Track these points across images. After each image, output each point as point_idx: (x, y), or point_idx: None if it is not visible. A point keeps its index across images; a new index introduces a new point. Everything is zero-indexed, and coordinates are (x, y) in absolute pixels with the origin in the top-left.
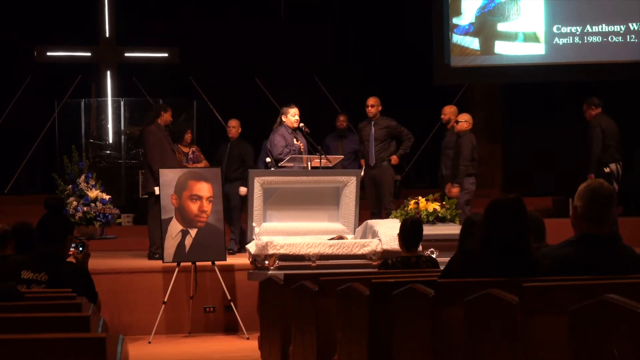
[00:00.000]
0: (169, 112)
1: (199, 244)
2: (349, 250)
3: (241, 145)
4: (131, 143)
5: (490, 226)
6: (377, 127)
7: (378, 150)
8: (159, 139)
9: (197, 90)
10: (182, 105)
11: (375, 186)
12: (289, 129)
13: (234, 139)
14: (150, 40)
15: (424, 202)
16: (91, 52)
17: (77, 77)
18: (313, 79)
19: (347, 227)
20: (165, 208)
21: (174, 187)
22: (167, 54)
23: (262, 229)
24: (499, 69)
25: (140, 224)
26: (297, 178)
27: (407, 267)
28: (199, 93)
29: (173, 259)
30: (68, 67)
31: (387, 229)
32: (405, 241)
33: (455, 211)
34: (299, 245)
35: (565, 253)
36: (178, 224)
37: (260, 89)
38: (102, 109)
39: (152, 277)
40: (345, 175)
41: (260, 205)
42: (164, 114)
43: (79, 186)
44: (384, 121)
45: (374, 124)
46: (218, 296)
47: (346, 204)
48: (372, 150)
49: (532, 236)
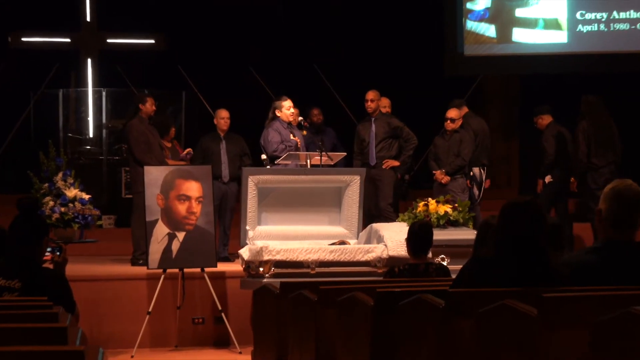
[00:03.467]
0: (149, 102)
1: (187, 249)
2: (351, 256)
3: (237, 140)
4: (113, 137)
5: (504, 231)
6: (378, 124)
7: (379, 149)
8: (143, 132)
9: (186, 80)
10: (169, 97)
11: (374, 187)
12: (284, 124)
13: (226, 133)
14: (135, 25)
15: (434, 204)
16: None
17: (55, 65)
18: (312, 68)
19: (350, 231)
20: (151, 209)
21: (160, 186)
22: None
23: (256, 233)
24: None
25: (122, 227)
26: (294, 177)
27: (415, 275)
28: (188, 83)
29: (158, 265)
30: (45, 54)
31: (394, 234)
32: (413, 247)
33: (468, 214)
34: (296, 251)
35: (588, 260)
36: (164, 226)
37: (254, 79)
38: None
39: (136, 285)
40: (348, 174)
41: (254, 206)
42: (144, 106)
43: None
44: (385, 118)
45: (374, 121)
46: (208, 306)
47: (349, 205)
48: (373, 149)
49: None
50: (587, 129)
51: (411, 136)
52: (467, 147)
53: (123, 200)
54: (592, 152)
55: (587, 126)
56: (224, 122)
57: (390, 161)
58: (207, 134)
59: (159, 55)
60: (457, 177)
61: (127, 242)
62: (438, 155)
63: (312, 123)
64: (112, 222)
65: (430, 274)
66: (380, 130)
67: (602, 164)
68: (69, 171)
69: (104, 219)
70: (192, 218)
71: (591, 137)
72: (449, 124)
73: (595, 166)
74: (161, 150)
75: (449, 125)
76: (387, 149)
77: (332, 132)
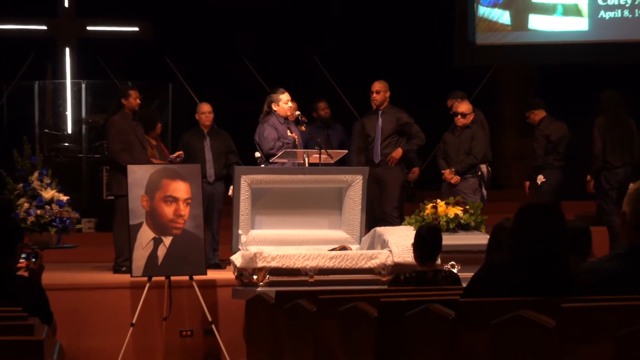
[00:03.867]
0: (132, 96)
1: (174, 255)
2: (353, 263)
3: (222, 136)
4: (94, 134)
5: (520, 235)
6: (386, 118)
7: (385, 146)
8: (123, 130)
9: (173, 71)
10: (155, 90)
11: (379, 188)
12: (281, 119)
13: (210, 129)
14: (117, 11)
15: (443, 206)
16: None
17: (30, 55)
18: (312, 58)
19: (352, 236)
20: (135, 212)
21: (145, 186)
22: (137, 29)
23: (249, 238)
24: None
25: (104, 231)
26: (291, 177)
27: (422, 283)
28: (175, 75)
29: (143, 272)
30: (19, 43)
31: (399, 239)
32: (420, 253)
33: (480, 217)
34: (293, 257)
35: (611, 268)
36: (149, 230)
37: (248, 71)
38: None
39: (118, 294)
40: (349, 173)
41: (247, 208)
42: (127, 100)
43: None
44: (393, 112)
45: (381, 114)
46: (197, 317)
47: (350, 207)
48: (378, 146)
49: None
50: (603, 125)
51: (421, 133)
52: (479, 144)
53: (104, 202)
54: (607, 151)
55: (604, 123)
56: (205, 117)
57: (393, 154)
58: (189, 130)
59: (144, 45)
60: (468, 177)
61: (108, 247)
62: (447, 153)
63: (319, 117)
64: (92, 225)
65: (439, 282)
66: (387, 126)
67: (617, 164)
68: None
69: (83, 223)
70: (180, 221)
71: (607, 135)
72: (459, 119)
73: (610, 165)
74: (143, 149)
75: (459, 121)
76: (393, 146)
77: (341, 128)
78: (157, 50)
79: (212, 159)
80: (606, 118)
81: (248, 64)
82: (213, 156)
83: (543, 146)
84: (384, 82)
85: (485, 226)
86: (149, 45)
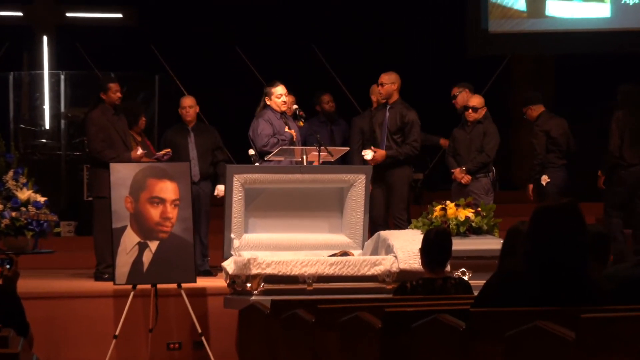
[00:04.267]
0: (111, 89)
1: (161, 261)
2: (355, 270)
3: (208, 131)
4: (73, 129)
5: (536, 239)
6: (392, 114)
7: (390, 145)
8: (104, 127)
9: (160, 61)
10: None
11: (383, 188)
12: (277, 113)
13: (194, 124)
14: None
15: (453, 208)
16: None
17: (4, 44)
18: (311, 48)
19: (354, 240)
20: (118, 214)
21: (129, 186)
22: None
23: (242, 242)
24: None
25: (84, 235)
26: (288, 176)
27: (431, 292)
28: (162, 65)
29: (127, 280)
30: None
31: (406, 243)
32: (428, 259)
33: (493, 220)
34: (290, 264)
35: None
36: (134, 234)
37: (242, 61)
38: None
39: (100, 304)
40: (351, 172)
41: (240, 211)
42: (105, 94)
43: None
44: (401, 107)
45: (389, 108)
46: (185, 329)
47: (352, 210)
48: (383, 142)
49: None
50: (621, 120)
51: (415, 144)
52: (491, 141)
53: (85, 203)
54: (624, 147)
55: (622, 117)
56: (186, 112)
57: (376, 155)
58: (172, 127)
59: (128, 32)
60: (480, 176)
61: (89, 252)
62: (458, 150)
63: (323, 111)
64: (72, 229)
65: (448, 291)
66: (394, 121)
67: (634, 162)
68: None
69: (62, 226)
70: (167, 224)
71: (625, 130)
72: (470, 114)
73: (625, 163)
74: (126, 147)
75: (470, 116)
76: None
77: (345, 124)
78: (142, 39)
79: (197, 157)
80: (625, 112)
81: (241, 54)
82: (198, 154)
83: (543, 143)
84: (390, 74)
85: (499, 230)
86: (133, 33)
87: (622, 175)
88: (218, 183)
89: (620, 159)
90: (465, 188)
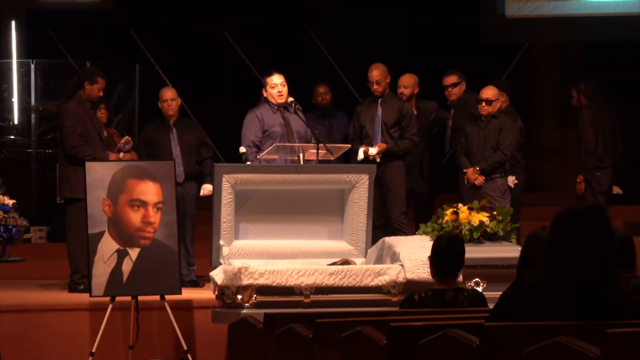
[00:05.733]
0: (99, 84)
1: (142, 271)
2: (357, 280)
3: (191, 126)
4: (46, 124)
5: (558, 247)
6: (388, 106)
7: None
8: (81, 120)
9: (141, 48)
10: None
11: (380, 190)
12: (274, 107)
13: (176, 119)
14: None
15: (466, 212)
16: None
17: None
18: (307, 33)
19: (356, 247)
20: (94, 218)
21: (107, 188)
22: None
23: (233, 250)
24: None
25: (57, 241)
26: (283, 176)
27: (441, 304)
28: (143, 53)
29: (105, 291)
30: None
31: (413, 250)
32: (438, 268)
33: (511, 225)
34: (285, 273)
35: None
36: (112, 241)
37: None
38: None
39: (75, 318)
40: (353, 172)
41: (230, 215)
42: (91, 86)
43: None
44: (395, 99)
45: (381, 102)
46: (169, 345)
47: (354, 213)
48: (378, 140)
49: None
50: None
51: (414, 138)
52: (508, 137)
53: (58, 206)
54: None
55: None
56: (167, 105)
57: (381, 145)
58: (152, 122)
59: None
60: (495, 177)
61: (63, 261)
62: (470, 148)
63: (317, 105)
64: (43, 235)
65: (460, 303)
66: (389, 116)
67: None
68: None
69: (33, 231)
70: (149, 230)
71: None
72: (484, 107)
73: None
74: (103, 146)
75: (484, 109)
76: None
77: (345, 117)
78: (121, 24)
79: (181, 155)
80: (595, 110)
81: (230, 39)
82: (182, 151)
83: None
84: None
85: (517, 236)
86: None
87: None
88: (204, 183)
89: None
90: (479, 190)
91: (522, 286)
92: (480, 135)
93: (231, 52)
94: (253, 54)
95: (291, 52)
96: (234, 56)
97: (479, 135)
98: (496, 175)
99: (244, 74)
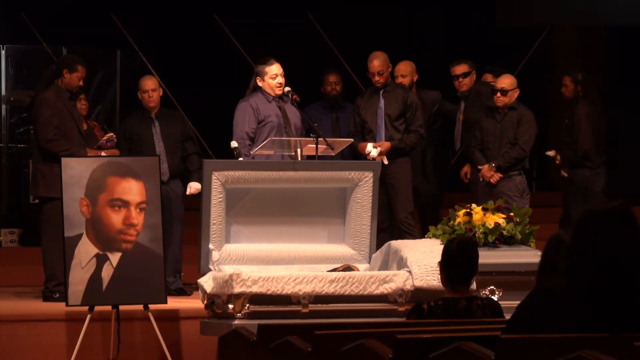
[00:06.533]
0: (79, 72)
1: (123, 277)
2: (361, 288)
3: (175, 118)
4: (17, 117)
5: (581, 252)
6: (391, 97)
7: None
8: (59, 112)
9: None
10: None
11: (385, 189)
12: (269, 97)
13: (158, 111)
14: None
15: (480, 213)
16: None
17: None
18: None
19: (359, 252)
20: (71, 219)
21: (85, 186)
22: None
23: (223, 254)
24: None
25: (30, 245)
26: (279, 174)
27: (452, 314)
28: (125, 38)
29: (83, 300)
30: None
31: (422, 256)
32: (450, 274)
33: (530, 227)
34: (281, 280)
35: None
36: (91, 244)
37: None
38: None
39: (50, 329)
40: (356, 169)
41: (221, 216)
42: (69, 74)
43: None
44: (398, 88)
45: (383, 93)
46: (154, 358)
47: (357, 215)
48: (382, 135)
49: None
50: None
51: (420, 130)
52: (527, 131)
53: (32, 206)
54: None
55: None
56: (148, 96)
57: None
58: (132, 115)
59: None
60: (513, 175)
61: (37, 266)
62: (486, 143)
63: (326, 95)
64: (15, 238)
65: (474, 313)
66: (392, 107)
67: None
68: None
69: (3, 234)
70: (132, 232)
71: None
72: (499, 98)
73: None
74: (82, 141)
75: (500, 100)
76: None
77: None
78: (101, 6)
79: (165, 151)
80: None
81: (220, 23)
82: (166, 147)
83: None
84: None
85: (536, 239)
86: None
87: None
88: (190, 180)
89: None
90: (494, 189)
91: (542, 295)
92: (496, 129)
93: (221, 36)
94: (246, 39)
95: (287, 37)
96: (225, 41)
97: (495, 129)
98: (514, 172)
99: (236, 61)
